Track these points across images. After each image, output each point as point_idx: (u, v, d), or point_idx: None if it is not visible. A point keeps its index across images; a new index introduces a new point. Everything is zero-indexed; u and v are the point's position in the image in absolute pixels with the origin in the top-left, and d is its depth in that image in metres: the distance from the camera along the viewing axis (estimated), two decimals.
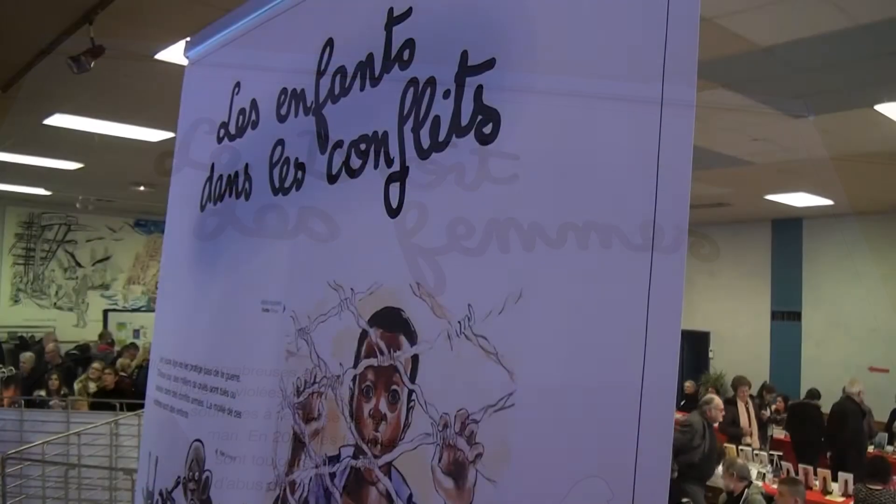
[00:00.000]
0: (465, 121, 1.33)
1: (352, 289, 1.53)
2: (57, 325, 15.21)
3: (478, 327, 1.22)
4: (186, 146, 2.44)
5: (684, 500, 6.91)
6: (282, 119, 1.88)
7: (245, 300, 1.89)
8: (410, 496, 1.28)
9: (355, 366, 1.48)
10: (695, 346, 14.78)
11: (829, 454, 9.36)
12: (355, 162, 1.58)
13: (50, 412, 6.23)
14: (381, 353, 1.41)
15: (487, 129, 1.28)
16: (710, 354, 14.20)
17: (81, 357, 12.91)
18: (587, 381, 1.04)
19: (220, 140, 2.17)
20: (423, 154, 1.40)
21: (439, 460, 1.23)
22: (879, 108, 6.61)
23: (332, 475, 1.47)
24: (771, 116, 6.99)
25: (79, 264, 16.27)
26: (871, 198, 11.05)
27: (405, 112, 1.46)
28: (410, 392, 1.32)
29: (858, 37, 5.14)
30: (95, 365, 9.62)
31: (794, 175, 9.41)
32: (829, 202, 11.26)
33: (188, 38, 2.59)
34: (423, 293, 1.33)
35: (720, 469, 7.05)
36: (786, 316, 13.28)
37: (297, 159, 1.79)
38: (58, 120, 8.54)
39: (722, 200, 11.41)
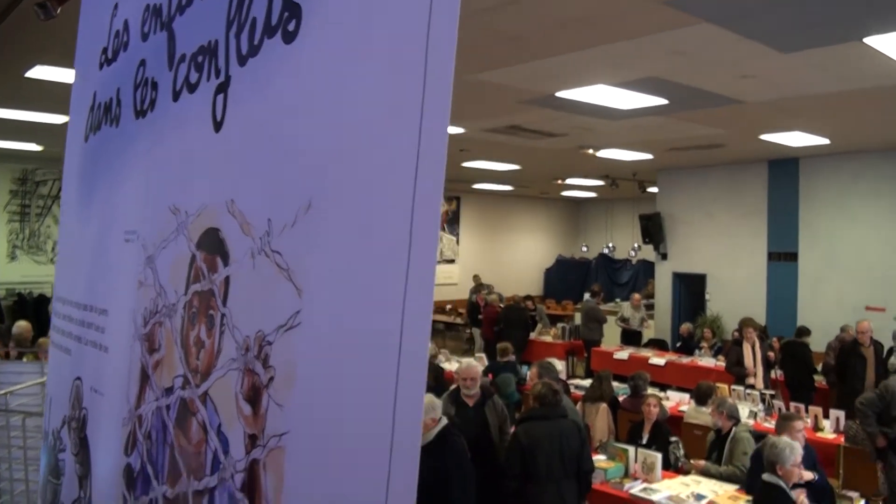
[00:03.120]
0: (274, 19, 1.23)
1: (186, 212, 1.44)
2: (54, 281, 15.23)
3: (275, 243, 1.14)
4: (79, 77, 2.33)
5: (672, 438, 6.87)
6: (144, 37, 1.77)
7: (112, 232, 1.81)
8: (220, 426, 1.21)
9: (186, 292, 1.41)
10: (691, 289, 14.71)
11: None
12: (193, 76, 1.48)
13: (26, 364, 6.22)
14: (203, 276, 1.33)
15: (291, 27, 1.18)
16: (707, 296, 14.14)
17: None
18: (361, 297, 0.97)
19: (101, 67, 2.07)
20: (242, 61, 1.31)
21: (241, 386, 1.17)
22: (868, 41, 6.41)
23: (168, 407, 1.41)
24: (758, 51, 6.80)
25: None
26: (867, 136, 10.85)
27: (231, 16, 1.36)
28: (223, 316, 1.25)
29: None
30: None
31: (787, 113, 9.22)
32: (824, 141, 11.06)
33: None
34: (234, 210, 1.25)
35: (709, 407, 7.00)
36: (782, 257, 13.15)
37: (152, 79, 1.69)
38: (39, 72, 8.40)
39: (716, 141, 11.23)
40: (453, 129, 10.15)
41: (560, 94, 7.94)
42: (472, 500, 4.99)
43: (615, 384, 9.41)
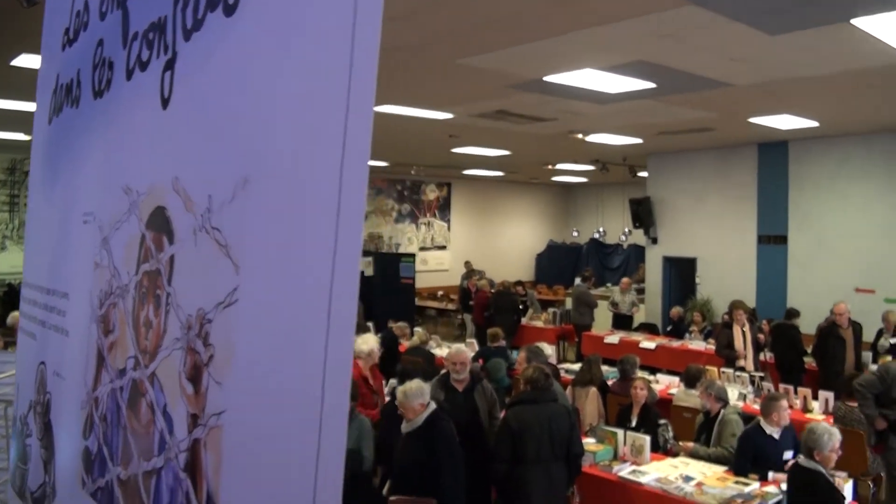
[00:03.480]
0: None
1: (137, 191, 1.43)
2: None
3: (215, 219, 1.13)
4: (45, 60, 2.30)
5: (661, 420, 6.86)
6: (102, 16, 1.75)
7: (73, 214, 1.80)
8: (165, 406, 1.21)
9: (137, 272, 1.39)
10: (681, 272, 14.73)
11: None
12: (145, 53, 1.46)
13: (9, 353, 6.18)
14: (152, 256, 1.32)
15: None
16: (697, 280, 14.15)
17: None
18: (292, 272, 0.96)
19: (63, 48, 2.04)
20: (187, 35, 1.29)
21: (184, 365, 1.16)
22: (856, 22, 6.38)
23: (121, 389, 1.40)
24: (745, 34, 6.77)
25: None
26: (856, 118, 10.83)
27: None
28: (168, 295, 1.24)
29: None
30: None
31: (776, 96, 9.19)
32: (814, 124, 11.04)
33: None
34: (178, 187, 1.24)
35: (698, 390, 6.98)
36: (772, 240, 13.15)
37: (109, 58, 1.67)
38: (25, 61, 8.32)
39: (705, 125, 11.21)
40: (442, 115, 10.11)
41: (547, 78, 7.90)
42: (461, 484, 5.00)
43: (606, 368, 9.42)
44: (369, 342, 6.65)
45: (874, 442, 6.56)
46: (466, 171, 18.94)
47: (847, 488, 5.32)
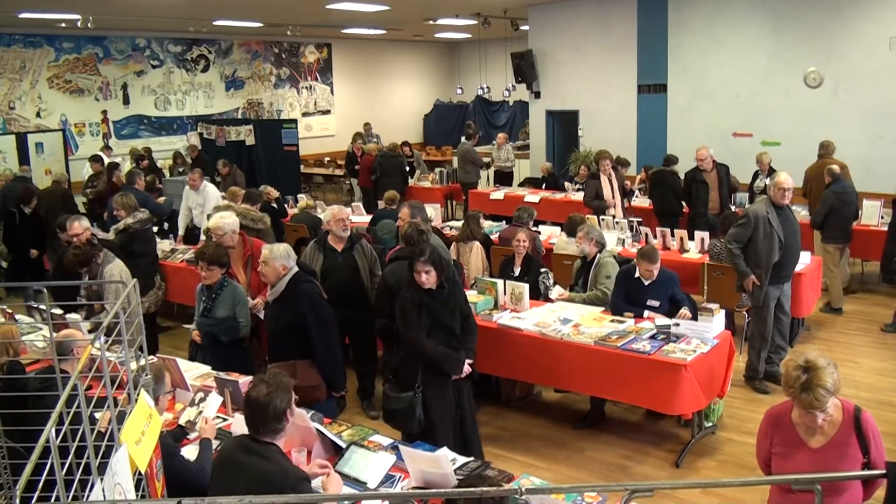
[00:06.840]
0: None
1: None
2: None
3: None
4: None
5: (542, 269, 6.91)
6: None
7: None
8: None
9: None
10: (564, 126, 14.78)
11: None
12: None
13: None
14: None
15: None
16: (580, 133, 14.24)
17: None
18: None
19: None
20: None
21: None
22: None
23: None
24: None
25: None
26: None
27: None
28: None
29: None
30: None
31: None
32: None
33: None
34: None
35: (574, 237, 7.03)
36: (652, 89, 13.26)
37: None
38: None
39: None
40: None
41: None
42: (333, 341, 5.00)
43: (489, 223, 9.50)
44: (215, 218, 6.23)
45: (743, 296, 6.81)
46: (347, 30, 18.15)
47: (719, 318, 5.52)
